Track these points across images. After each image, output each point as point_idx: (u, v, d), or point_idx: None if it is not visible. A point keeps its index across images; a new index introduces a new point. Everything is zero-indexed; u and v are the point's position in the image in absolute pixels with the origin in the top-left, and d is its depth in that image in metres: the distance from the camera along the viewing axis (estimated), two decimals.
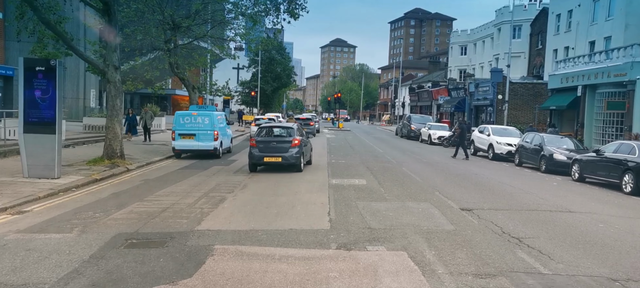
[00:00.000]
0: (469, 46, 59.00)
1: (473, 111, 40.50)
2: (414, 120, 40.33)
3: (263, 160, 16.23)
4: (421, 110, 58.74)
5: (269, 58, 64.77)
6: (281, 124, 19.27)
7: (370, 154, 24.82)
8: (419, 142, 36.87)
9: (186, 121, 20.45)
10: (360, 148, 28.91)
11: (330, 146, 28.73)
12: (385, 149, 27.97)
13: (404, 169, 18.39)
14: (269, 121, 33.40)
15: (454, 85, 46.23)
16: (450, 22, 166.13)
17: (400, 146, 31.32)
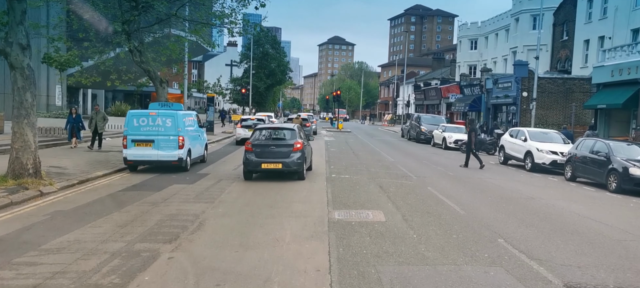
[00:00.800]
0: (479, 39, 54.30)
1: (490, 111, 35.79)
2: (425, 121, 35.60)
3: (260, 167, 13.95)
4: (428, 109, 54.04)
5: (262, 53, 59.99)
6: (281, 126, 16.24)
7: (380, 164, 20.06)
8: (430, 146, 32.17)
9: (142, 123, 15.66)
10: (366, 154, 24.17)
11: (329, 153, 23.97)
12: (396, 157, 23.23)
13: (430, 189, 13.62)
14: (258, 121, 28.63)
15: (467, 81, 41.54)
16: (451, 18, 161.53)
17: (412, 152, 26.58)
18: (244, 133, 27.91)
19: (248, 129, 28.04)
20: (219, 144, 28.50)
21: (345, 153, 24.59)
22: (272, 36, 60.42)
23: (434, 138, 32.20)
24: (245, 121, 28.73)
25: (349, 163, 19.89)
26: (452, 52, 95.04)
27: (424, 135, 34.62)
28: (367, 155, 23.68)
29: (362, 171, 17.30)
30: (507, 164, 21.79)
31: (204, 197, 11.70)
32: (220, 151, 24.08)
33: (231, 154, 22.96)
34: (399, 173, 17.08)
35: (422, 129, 34.92)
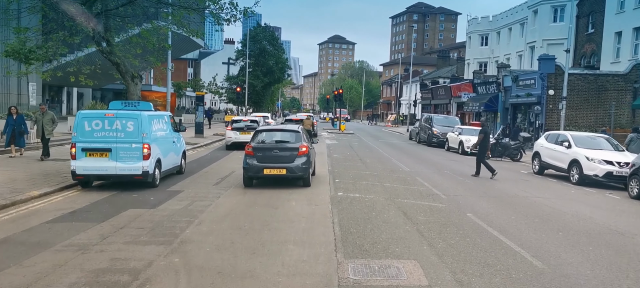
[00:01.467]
0: (490, 35, 50.89)
1: (509, 111, 32.39)
2: (436, 122, 32.20)
3: (262, 173, 12.80)
4: (436, 109, 50.64)
5: (260, 49, 56.60)
6: (285, 128, 15.07)
7: (394, 175, 16.67)
8: (444, 150, 28.79)
9: (96, 126, 12.26)
10: (375, 162, 20.78)
11: (332, 160, 20.59)
12: (410, 165, 19.85)
13: (470, 217, 10.21)
14: (251, 123, 25.26)
15: (481, 79, 38.12)
16: (455, 16, 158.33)
17: (426, 159, 23.18)
18: (235, 136, 24.55)
19: (240, 131, 24.69)
20: (207, 150, 25.11)
21: (350, 159, 21.20)
22: (270, 31, 57.05)
23: (448, 142, 28.81)
24: (236, 123, 25.33)
25: (357, 173, 16.49)
26: (458, 50, 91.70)
27: (436, 138, 31.22)
28: (376, 163, 20.27)
29: (375, 186, 13.90)
30: (543, 174, 18.40)
31: (163, 232, 8.32)
32: (205, 158, 20.67)
33: (217, 162, 19.57)
34: (422, 189, 13.66)
35: (434, 131, 31.52)
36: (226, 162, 19.56)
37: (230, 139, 24.68)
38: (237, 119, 25.98)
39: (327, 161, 20.22)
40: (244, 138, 24.58)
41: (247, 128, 24.85)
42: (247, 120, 25.75)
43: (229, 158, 21.16)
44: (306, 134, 14.70)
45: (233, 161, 19.71)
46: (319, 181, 14.59)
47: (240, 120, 25.69)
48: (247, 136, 24.64)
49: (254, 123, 25.25)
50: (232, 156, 21.94)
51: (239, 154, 22.26)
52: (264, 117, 33.68)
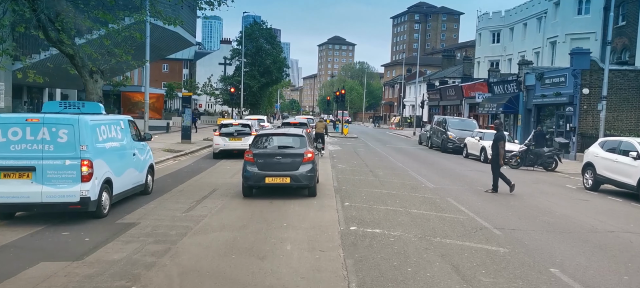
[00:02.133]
0: (503, 31, 47.51)
1: (533, 112, 28.94)
2: (452, 125, 28.79)
3: (264, 182, 11.55)
4: (445, 111, 47.21)
5: (256, 48, 53.20)
6: (289, 132, 13.63)
7: (420, 195, 13.24)
8: (463, 158, 25.39)
9: (14, 137, 8.85)
10: (390, 175, 17.35)
11: (338, 173, 17.17)
12: (435, 180, 16.40)
13: (558, 275, 6.75)
14: (243, 127, 21.83)
15: (497, 77, 34.70)
16: (457, 16, 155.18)
17: (450, 171, 19.73)
18: (224, 143, 21.14)
19: (229, 137, 21.29)
20: (192, 158, 21.67)
21: (359, 171, 17.75)
22: (267, 29, 53.64)
23: (467, 148, 25.39)
24: (225, 127, 21.88)
25: (370, 193, 13.05)
26: (466, 49, 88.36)
27: (452, 143, 27.80)
28: (391, 176, 16.82)
29: (399, 213, 10.46)
30: (598, 190, 14.98)
31: None
32: (185, 171, 17.21)
33: (199, 175, 16.12)
34: (463, 219, 10.21)
35: (449, 135, 28.10)
36: (209, 175, 16.13)
37: (218, 147, 21.23)
38: (227, 123, 22.47)
39: (332, 174, 16.80)
40: (234, 144, 21.25)
41: (237, 133, 21.46)
42: (237, 124, 22.24)
43: (214, 169, 17.72)
44: (311, 140, 13.63)
45: (218, 174, 16.27)
46: (324, 203, 11.20)
47: (230, 124, 22.21)
48: (238, 142, 21.44)
49: (246, 128, 21.82)
50: (218, 167, 18.50)
51: (226, 165, 18.84)
52: (259, 120, 30.17)
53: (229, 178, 15.50)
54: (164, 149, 23.10)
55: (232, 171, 17.15)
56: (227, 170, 17.35)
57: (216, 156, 21.35)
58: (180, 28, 36.38)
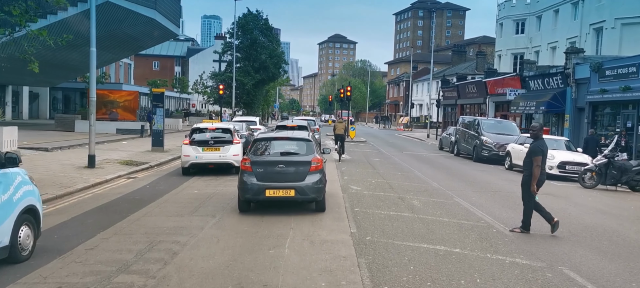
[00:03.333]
0: (528, 20, 42.06)
1: (586, 112, 23.48)
2: (487, 128, 23.40)
3: (264, 195, 9.76)
4: (463, 110, 41.80)
5: (250, 41, 47.71)
6: (293, 136, 11.33)
7: (507, 259, 7.75)
8: (505, 169, 20.03)
9: None
10: (431, 205, 11.88)
11: (352, 198, 11.80)
12: (506, 216, 10.92)
13: None
14: (223, 133, 16.36)
15: (534, 70, 29.19)
16: (463, 12, 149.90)
17: (509, 194, 14.28)
18: (196, 155, 15.68)
19: (203, 147, 15.83)
20: (154, 174, 16.23)
21: (382, 197, 12.28)
22: (263, 19, 48.18)
23: (511, 157, 19.98)
24: (198, 133, 16.39)
25: (416, 252, 7.59)
26: (479, 45, 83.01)
27: (488, 150, 22.39)
28: (436, 209, 11.32)
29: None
30: None
31: None
32: (130, 199, 11.73)
33: (145, 208, 10.64)
34: None
35: (484, 140, 22.67)
36: (163, 208, 10.68)
37: (188, 160, 15.65)
38: (200, 127, 16.91)
39: (344, 200, 11.40)
40: (210, 156, 15.79)
41: (214, 141, 15.97)
42: (213, 128, 16.71)
43: (175, 195, 12.27)
44: (318, 144, 12.47)
45: (177, 206, 10.83)
46: (340, 277, 5.82)
47: (205, 129, 16.69)
48: (215, 153, 15.63)
49: (226, 134, 16.30)
50: (183, 190, 13.06)
51: (196, 187, 13.35)
52: (248, 123, 24.73)
53: (191, 213, 10.10)
54: (121, 162, 17.70)
55: (200, 198, 11.73)
56: (193, 198, 11.94)
57: (186, 172, 15.89)
58: (157, 13, 30.99)
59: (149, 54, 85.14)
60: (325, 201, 10.38)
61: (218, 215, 10.01)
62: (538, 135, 9.16)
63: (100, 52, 35.29)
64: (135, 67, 78.67)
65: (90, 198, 11.74)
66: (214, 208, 10.63)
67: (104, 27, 29.18)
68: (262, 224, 9.25)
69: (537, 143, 9.05)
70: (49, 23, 26.38)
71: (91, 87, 15.98)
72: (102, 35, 30.16)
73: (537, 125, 9.50)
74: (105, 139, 26.16)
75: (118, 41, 33.04)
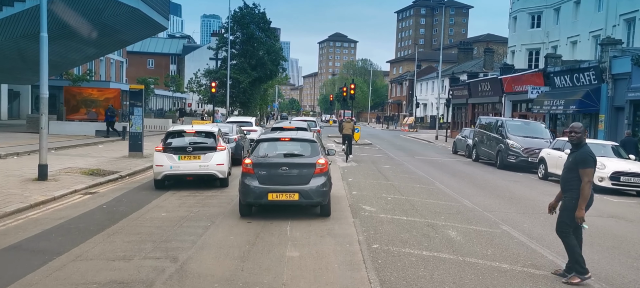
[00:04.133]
0: (545, 13, 39.14)
1: (626, 111, 20.54)
2: (513, 130, 20.46)
3: (266, 198, 9.29)
4: (475, 110, 38.89)
5: (246, 36, 44.76)
6: (296, 136, 10.73)
7: None
8: (538, 179, 17.14)
9: None
10: (475, 237, 8.95)
11: (365, 224, 8.92)
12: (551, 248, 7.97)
13: None
14: (206, 138, 13.42)
15: (560, 65, 26.24)
16: (466, 10, 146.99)
17: None
18: (168, 164, 12.74)
19: (179, 155, 12.88)
20: (122, 188, 13.29)
21: (405, 224, 9.37)
22: (260, 13, 45.22)
23: (545, 165, 17.07)
24: (174, 138, 13.45)
25: None
26: (486, 42, 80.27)
27: (515, 156, 19.47)
28: (477, 238, 8.44)
29: None
30: None
31: None
32: (66, 228, 8.74)
33: (80, 247, 7.61)
34: None
35: (510, 144, 19.74)
36: (101, 248, 7.70)
37: (161, 171, 12.70)
38: (178, 130, 13.93)
39: (356, 229, 8.51)
40: (188, 166, 12.78)
41: (193, 147, 13.00)
42: (193, 132, 13.72)
43: (132, 223, 9.31)
44: (322, 145, 11.42)
45: (131, 241, 7.85)
46: None
47: (182, 132, 13.76)
48: (195, 163, 12.54)
49: (208, 139, 13.34)
50: (148, 213, 10.11)
51: (165, 208, 10.15)
52: (241, 124, 21.89)
53: (144, 255, 7.17)
54: (85, 171, 14.76)
55: (166, 226, 8.81)
56: (157, 225, 9.04)
57: (159, 186, 12.97)
58: (141, 3, 28.04)
59: (143, 52, 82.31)
60: (330, 205, 9.77)
61: (183, 255, 7.11)
62: (582, 139, 6.54)
63: (80, 46, 32.42)
64: (129, 65, 75.70)
65: (17, 225, 8.82)
66: (182, 244, 7.74)
67: (81, 17, 26.26)
68: (245, 268, 6.35)
69: (584, 150, 6.46)
70: (16, 11, 23.53)
71: (42, 81, 13.03)
72: (79, 26, 27.26)
73: (579, 126, 6.67)
74: (81, 143, 23.25)
75: (99, 34, 30.08)
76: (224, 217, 9.74)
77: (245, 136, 20.17)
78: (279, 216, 9.64)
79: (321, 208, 9.74)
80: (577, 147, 6.55)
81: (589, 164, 6.32)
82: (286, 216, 9.62)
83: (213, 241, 8.02)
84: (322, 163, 9.58)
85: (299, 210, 10.03)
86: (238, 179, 10.08)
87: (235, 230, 8.74)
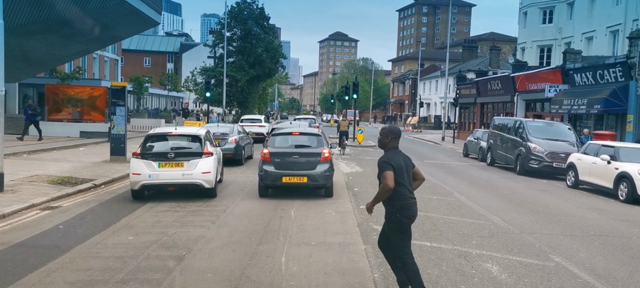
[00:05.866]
0: (557, 8, 37.22)
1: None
2: (535, 132, 18.54)
3: (281, 181, 11.44)
4: (483, 109, 36.97)
5: (244, 32, 42.90)
6: (305, 131, 13.11)
7: None
8: (568, 187, 15.27)
9: None
10: (528, 277, 7.01)
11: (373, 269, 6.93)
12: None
13: None
14: (189, 142, 11.55)
15: (579, 61, 24.29)
16: (468, 8, 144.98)
17: (628, 239, 9.43)
18: (147, 172, 10.96)
19: (159, 162, 11.07)
20: (92, 200, 11.39)
21: (430, 253, 7.50)
22: (258, 8, 43.33)
23: (576, 172, 15.13)
24: (154, 141, 11.60)
25: None
26: (493, 40, 78.50)
27: (538, 161, 17.57)
28: (527, 276, 6.55)
29: None
30: None
31: None
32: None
33: None
34: None
35: (532, 148, 17.84)
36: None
37: (138, 180, 10.88)
38: (158, 133, 12.03)
39: (370, 265, 6.61)
40: (170, 175, 11.02)
41: (176, 154, 11.17)
42: (176, 135, 11.97)
43: (85, 254, 7.37)
44: (326, 138, 14.10)
45: (74, 285, 6.01)
46: None
47: (165, 135, 11.91)
48: (177, 171, 10.76)
49: (193, 143, 11.54)
50: (108, 240, 8.19)
51: (139, 223, 8.08)
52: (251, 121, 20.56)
53: None
54: (54, 180, 12.88)
55: (128, 258, 6.91)
56: (118, 256, 7.17)
57: (137, 196, 11.13)
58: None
59: (140, 50, 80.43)
60: (333, 187, 11.96)
61: None
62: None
63: (65, 41, 30.33)
64: (125, 64, 73.78)
65: None
66: (140, 287, 5.85)
67: (61, 9, 24.28)
68: None
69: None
70: None
71: None
72: (61, 20, 25.32)
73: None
74: (59, 145, 21.40)
75: (85, 29, 28.06)
76: (205, 242, 7.87)
77: (248, 136, 19.64)
78: (270, 248, 7.76)
79: (325, 189, 11.80)
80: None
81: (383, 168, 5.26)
82: (280, 251, 7.75)
83: (185, 281, 6.14)
84: (326, 153, 11.70)
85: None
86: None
87: (216, 261, 6.87)
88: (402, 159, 5.22)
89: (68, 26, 26.06)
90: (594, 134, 18.47)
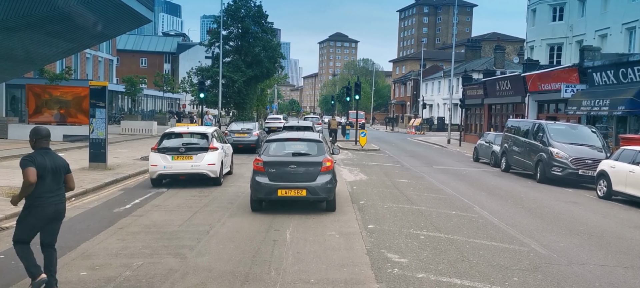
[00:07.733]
0: (568, 4, 35.54)
1: None
2: (557, 136, 16.85)
3: (276, 194, 10.03)
4: (491, 110, 35.29)
5: (241, 31, 41.20)
6: (303, 137, 11.55)
7: None
8: (598, 197, 13.58)
9: None
10: None
11: None
12: None
13: None
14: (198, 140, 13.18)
15: (600, 59, 22.61)
16: (470, 8, 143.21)
17: None
18: (162, 164, 13.16)
19: (172, 155, 13.11)
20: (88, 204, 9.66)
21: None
22: (256, 6, 41.64)
23: (608, 181, 13.45)
24: (169, 139, 13.75)
25: None
26: (498, 40, 76.86)
27: (562, 168, 15.89)
28: None
29: None
30: None
31: None
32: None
33: None
34: None
35: (555, 154, 16.16)
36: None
37: (156, 170, 13.22)
38: (173, 132, 14.31)
39: None
40: (181, 166, 13.22)
41: (186, 148, 13.40)
42: (187, 133, 14.34)
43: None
44: (328, 145, 12.91)
45: None
46: None
47: (178, 134, 13.99)
48: (187, 162, 13.15)
49: (201, 140, 13.77)
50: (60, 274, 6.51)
51: (91, 257, 6.89)
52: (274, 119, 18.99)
53: None
54: (14, 192, 11.17)
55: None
56: None
57: (156, 184, 13.32)
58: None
59: (136, 50, 78.82)
60: (335, 201, 10.48)
61: None
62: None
63: (50, 39, 28.51)
64: (121, 64, 72.18)
65: None
66: None
67: (45, 3, 22.63)
68: None
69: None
70: None
71: None
72: (44, 15, 23.64)
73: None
74: None
75: (72, 26, 26.35)
76: (175, 281, 6.18)
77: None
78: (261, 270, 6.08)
79: (327, 203, 10.39)
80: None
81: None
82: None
83: None
84: (328, 162, 10.20)
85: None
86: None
87: None
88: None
89: (51, 22, 24.41)
90: (622, 138, 16.78)
